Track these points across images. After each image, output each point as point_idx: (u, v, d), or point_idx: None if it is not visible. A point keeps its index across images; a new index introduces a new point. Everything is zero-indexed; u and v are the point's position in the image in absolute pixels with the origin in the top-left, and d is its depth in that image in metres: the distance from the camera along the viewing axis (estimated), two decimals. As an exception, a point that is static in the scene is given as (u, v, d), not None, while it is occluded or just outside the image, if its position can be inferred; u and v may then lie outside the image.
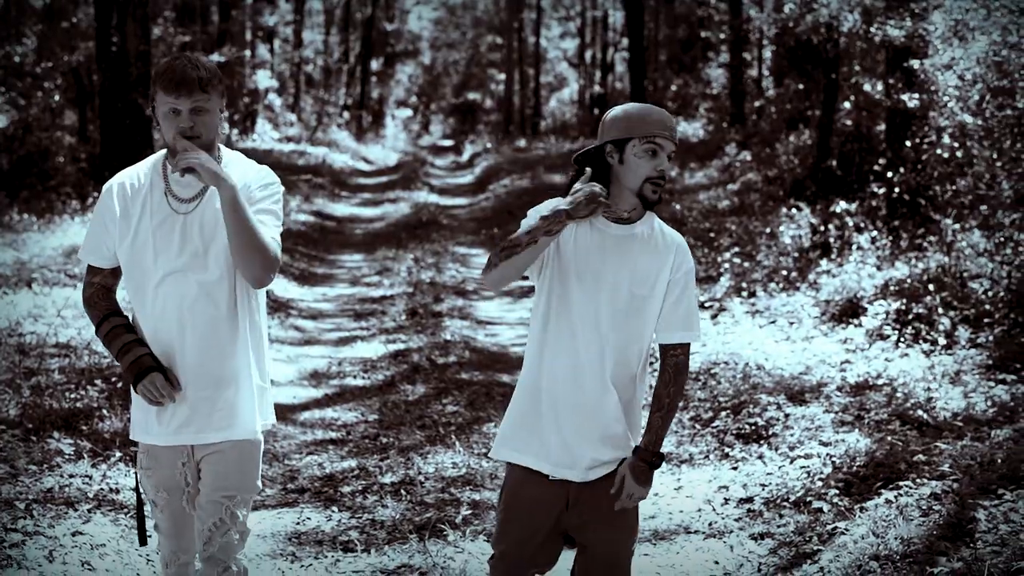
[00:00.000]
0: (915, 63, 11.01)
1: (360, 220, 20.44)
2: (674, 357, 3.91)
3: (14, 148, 18.90)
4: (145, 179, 4.01)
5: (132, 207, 3.99)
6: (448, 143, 48.28)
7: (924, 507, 5.95)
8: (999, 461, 6.39)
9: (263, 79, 33.30)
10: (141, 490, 4.17)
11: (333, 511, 6.63)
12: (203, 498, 4.03)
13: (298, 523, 6.45)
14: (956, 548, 5.48)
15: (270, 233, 3.92)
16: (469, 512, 6.48)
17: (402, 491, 6.87)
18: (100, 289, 4.09)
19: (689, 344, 3.94)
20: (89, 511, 6.02)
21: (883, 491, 6.23)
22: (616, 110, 3.92)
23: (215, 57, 28.67)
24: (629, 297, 3.85)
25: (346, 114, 42.28)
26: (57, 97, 18.95)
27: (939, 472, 6.32)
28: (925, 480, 6.25)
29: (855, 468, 6.64)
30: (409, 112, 58.06)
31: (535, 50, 47.74)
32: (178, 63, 3.84)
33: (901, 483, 6.26)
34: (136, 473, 4.14)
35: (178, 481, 4.07)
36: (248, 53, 32.78)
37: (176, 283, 3.92)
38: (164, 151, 4.02)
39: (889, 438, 6.93)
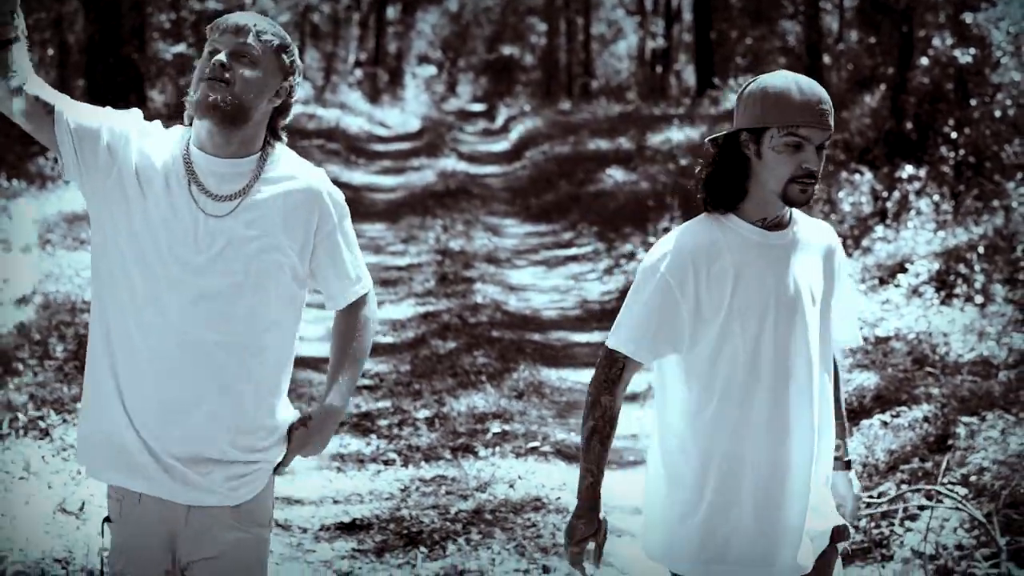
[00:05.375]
0: (968, 16, 13.22)
1: (380, 189, 22.91)
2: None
3: (-13, 110, 21.13)
4: (175, 149, 3.70)
5: (149, 166, 3.66)
6: (479, 108, 49.28)
7: (915, 427, 8.22)
8: (996, 394, 8.64)
9: (263, 30, 35.40)
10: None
11: (371, 438, 8.98)
12: None
13: (340, 447, 8.80)
14: (932, 456, 7.76)
15: (354, 272, 3.92)
16: (500, 434, 8.83)
17: (436, 422, 9.22)
18: None
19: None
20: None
21: (879, 415, 8.52)
22: (754, 85, 3.76)
23: (211, 4, 31.04)
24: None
25: (358, 72, 44.21)
26: (51, 51, 21.09)
27: (933, 398, 8.59)
28: (920, 405, 8.52)
29: (864, 402, 8.93)
30: (432, 70, 59.63)
31: (585, -6, 49.17)
32: None
33: (898, 408, 8.54)
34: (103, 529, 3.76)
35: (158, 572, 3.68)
36: (246, -1, 35.01)
37: (199, 306, 3.62)
38: (188, 128, 3.74)
39: (890, 371, 9.22)
